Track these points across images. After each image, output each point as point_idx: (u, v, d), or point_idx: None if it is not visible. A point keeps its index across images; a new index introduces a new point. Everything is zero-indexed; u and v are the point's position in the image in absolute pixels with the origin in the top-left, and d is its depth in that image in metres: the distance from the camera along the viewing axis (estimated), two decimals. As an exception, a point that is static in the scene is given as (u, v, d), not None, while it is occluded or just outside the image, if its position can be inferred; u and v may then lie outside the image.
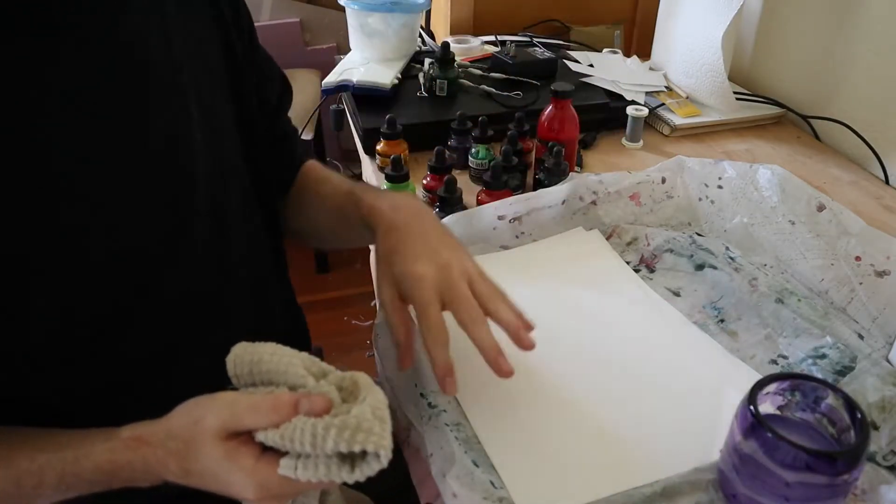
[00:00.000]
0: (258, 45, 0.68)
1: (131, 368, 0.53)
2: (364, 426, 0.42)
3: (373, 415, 0.43)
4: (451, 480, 0.50)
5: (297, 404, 0.44)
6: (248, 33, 0.65)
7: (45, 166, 0.45)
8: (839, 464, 0.45)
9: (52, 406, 0.50)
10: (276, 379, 0.47)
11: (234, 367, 0.48)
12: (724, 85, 1.03)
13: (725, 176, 0.80)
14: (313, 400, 0.44)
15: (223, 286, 0.59)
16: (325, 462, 0.43)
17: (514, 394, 0.59)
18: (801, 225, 0.73)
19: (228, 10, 0.62)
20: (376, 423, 0.43)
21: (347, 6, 1.11)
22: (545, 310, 0.69)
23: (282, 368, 0.47)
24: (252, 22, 0.66)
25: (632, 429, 0.56)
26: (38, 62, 0.44)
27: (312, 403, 0.44)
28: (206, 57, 0.58)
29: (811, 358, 0.62)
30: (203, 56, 0.58)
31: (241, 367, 0.47)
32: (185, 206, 0.54)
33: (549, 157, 0.83)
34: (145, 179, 0.50)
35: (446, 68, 1.03)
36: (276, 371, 0.47)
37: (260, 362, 0.47)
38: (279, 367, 0.47)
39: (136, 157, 0.50)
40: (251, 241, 0.64)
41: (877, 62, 0.95)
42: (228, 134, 0.61)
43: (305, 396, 0.44)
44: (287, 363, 0.47)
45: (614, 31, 1.48)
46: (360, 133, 1.00)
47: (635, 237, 0.78)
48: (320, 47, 2.23)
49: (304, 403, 0.44)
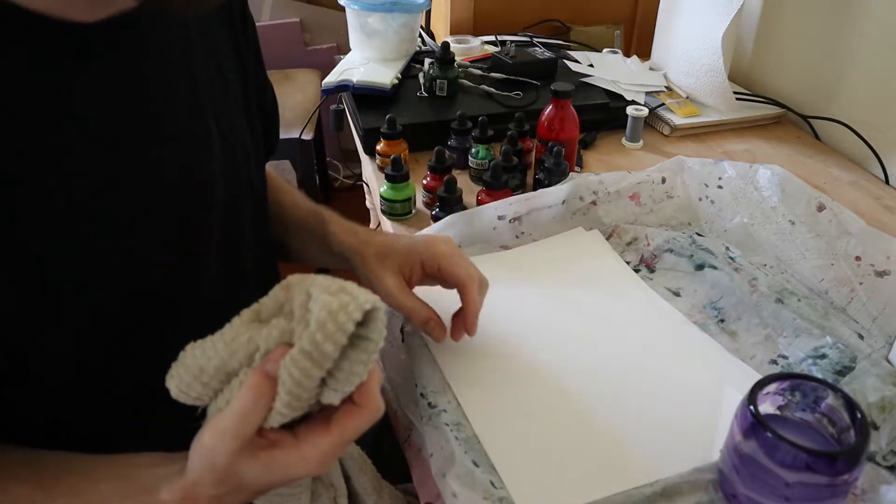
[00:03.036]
0: (261, 59, 0.68)
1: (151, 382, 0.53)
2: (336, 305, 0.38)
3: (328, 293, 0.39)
4: (451, 480, 0.50)
5: (266, 374, 0.40)
6: (254, 44, 0.66)
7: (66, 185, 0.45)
8: (839, 464, 0.45)
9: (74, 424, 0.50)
10: (231, 368, 0.43)
11: (188, 395, 0.43)
12: (724, 85, 1.03)
13: (725, 176, 0.80)
14: (271, 357, 0.41)
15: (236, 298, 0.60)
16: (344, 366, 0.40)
17: (514, 394, 0.59)
18: (801, 225, 0.73)
19: (239, 23, 0.62)
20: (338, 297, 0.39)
21: (347, 6, 1.11)
22: (545, 310, 0.69)
23: (226, 356, 0.42)
24: (256, 33, 0.67)
25: (632, 429, 0.56)
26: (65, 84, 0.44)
27: (273, 360, 0.40)
28: (223, 71, 0.59)
29: (811, 358, 0.62)
30: (220, 71, 0.58)
31: (193, 390, 0.43)
32: (202, 224, 0.54)
33: (549, 157, 0.83)
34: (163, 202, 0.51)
35: (446, 68, 1.03)
36: (223, 360, 0.42)
37: (202, 370, 0.43)
38: (222, 354, 0.42)
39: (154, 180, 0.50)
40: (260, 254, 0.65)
41: (877, 62, 0.95)
42: (243, 150, 0.61)
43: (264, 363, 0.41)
44: (224, 347, 0.42)
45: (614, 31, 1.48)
46: (360, 133, 1.00)
47: (635, 237, 0.78)
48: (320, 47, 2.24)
49: (270, 367, 0.40)
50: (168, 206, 0.51)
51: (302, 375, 0.39)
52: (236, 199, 0.59)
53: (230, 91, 0.60)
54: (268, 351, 0.41)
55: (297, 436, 0.42)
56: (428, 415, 0.57)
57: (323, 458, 0.42)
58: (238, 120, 0.61)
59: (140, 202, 0.49)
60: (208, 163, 0.54)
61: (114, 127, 0.47)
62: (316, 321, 0.38)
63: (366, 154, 0.99)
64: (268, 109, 0.71)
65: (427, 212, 0.86)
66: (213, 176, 0.55)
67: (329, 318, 0.38)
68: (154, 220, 0.50)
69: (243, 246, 0.60)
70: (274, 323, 0.42)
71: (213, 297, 0.56)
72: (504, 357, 0.63)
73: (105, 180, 0.46)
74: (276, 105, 0.74)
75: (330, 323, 0.38)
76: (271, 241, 0.69)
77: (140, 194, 0.49)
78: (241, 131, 0.61)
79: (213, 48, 0.57)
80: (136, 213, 0.49)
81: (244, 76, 0.63)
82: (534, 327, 0.66)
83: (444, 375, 0.60)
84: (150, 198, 0.50)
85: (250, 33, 0.65)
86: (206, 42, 0.56)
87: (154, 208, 0.50)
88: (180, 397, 0.43)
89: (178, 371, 0.43)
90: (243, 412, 0.40)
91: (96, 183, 0.46)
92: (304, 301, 0.41)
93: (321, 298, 0.39)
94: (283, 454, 0.42)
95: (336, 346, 0.38)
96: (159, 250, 0.51)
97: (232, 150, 0.58)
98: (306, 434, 0.42)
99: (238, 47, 0.62)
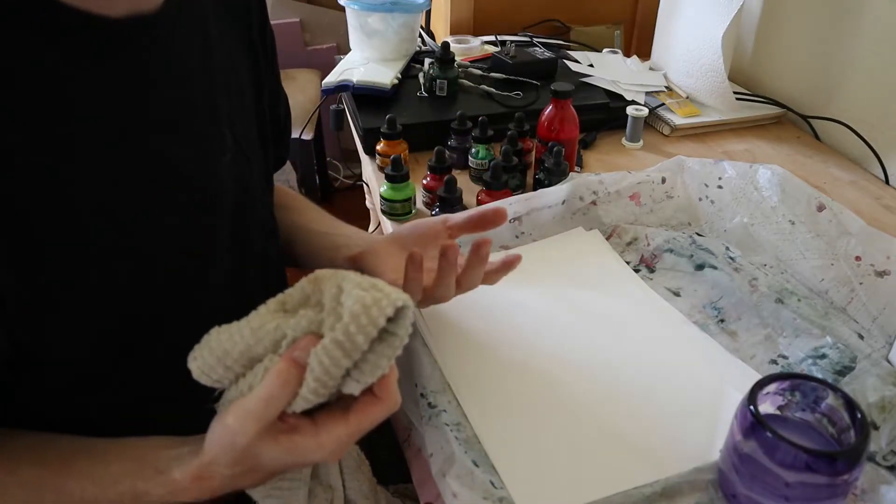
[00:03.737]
0: (277, 70, 0.68)
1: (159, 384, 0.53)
2: (369, 299, 0.40)
3: (361, 288, 0.41)
4: (451, 480, 0.50)
5: (294, 361, 0.42)
6: (271, 52, 0.66)
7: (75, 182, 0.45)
8: (839, 464, 0.45)
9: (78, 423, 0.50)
10: (255, 354, 0.44)
11: (210, 377, 0.45)
12: (724, 85, 1.03)
13: (725, 176, 0.80)
14: (299, 345, 0.42)
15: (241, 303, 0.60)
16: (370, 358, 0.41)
17: (514, 394, 0.59)
18: (801, 225, 0.73)
19: (258, 35, 0.62)
20: (370, 293, 0.41)
21: (347, 6, 1.11)
22: (545, 310, 0.69)
23: (252, 342, 0.44)
24: (275, 46, 0.67)
25: (632, 429, 0.56)
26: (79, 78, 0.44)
27: (301, 348, 0.42)
28: (239, 76, 0.59)
29: (811, 358, 0.62)
30: (236, 75, 0.58)
31: (212, 372, 0.45)
32: (210, 229, 0.55)
33: (549, 157, 0.83)
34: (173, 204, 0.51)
35: (446, 68, 1.03)
36: (249, 346, 0.44)
37: (226, 353, 0.44)
38: (248, 340, 0.44)
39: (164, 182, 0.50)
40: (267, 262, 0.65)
41: (877, 62, 0.95)
42: (255, 158, 0.61)
43: (292, 350, 0.42)
44: (250, 334, 0.44)
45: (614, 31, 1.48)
46: (360, 133, 1.00)
47: (635, 237, 0.78)
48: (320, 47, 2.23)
49: (298, 354, 0.42)
50: (177, 209, 0.51)
51: (332, 364, 0.40)
52: (245, 206, 0.59)
53: (245, 100, 0.60)
54: (294, 339, 0.43)
55: (317, 422, 0.43)
56: (428, 415, 0.57)
57: (338, 445, 0.44)
58: (251, 129, 0.61)
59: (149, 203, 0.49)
60: (219, 168, 0.55)
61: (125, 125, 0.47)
62: (350, 313, 0.40)
63: (366, 154, 0.99)
64: (280, 121, 0.71)
65: (427, 212, 0.86)
66: (223, 181, 0.55)
67: (363, 312, 0.40)
68: (162, 222, 0.50)
69: (250, 252, 0.60)
70: (302, 313, 0.44)
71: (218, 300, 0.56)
72: (504, 357, 0.63)
73: (114, 179, 0.46)
74: (289, 119, 0.74)
75: (363, 316, 0.40)
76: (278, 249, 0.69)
77: (150, 195, 0.49)
78: (253, 140, 0.61)
79: (232, 57, 0.58)
80: (144, 214, 0.49)
81: (259, 86, 0.63)
82: (534, 327, 0.66)
83: (444, 375, 0.60)
84: (160, 199, 0.50)
85: (269, 45, 0.65)
86: (224, 51, 0.56)
87: (163, 210, 0.50)
88: (201, 378, 0.45)
89: (202, 353, 0.44)
90: (269, 396, 0.42)
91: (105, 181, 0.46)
92: (335, 294, 0.43)
93: (354, 293, 0.41)
94: (302, 439, 0.43)
95: (367, 338, 0.40)
96: (166, 252, 0.51)
97: (244, 157, 0.58)
98: (325, 421, 0.43)
99: (256, 57, 0.62)
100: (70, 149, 0.44)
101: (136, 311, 0.50)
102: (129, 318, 0.49)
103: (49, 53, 0.42)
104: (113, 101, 0.46)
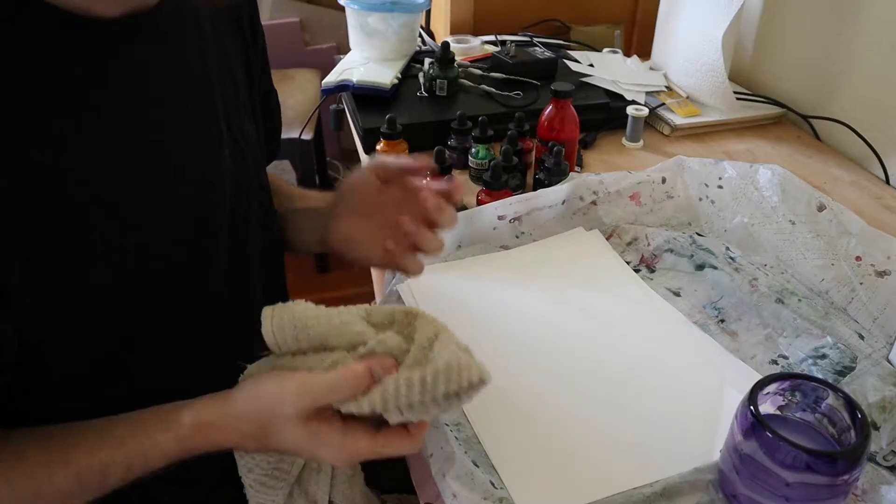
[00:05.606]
0: (268, 66, 0.69)
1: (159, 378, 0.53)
2: (463, 362, 0.43)
3: (457, 346, 0.45)
4: (451, 480, 0.50)
5: (370, 372, 0.44)
6: (262, 53, 0.67)
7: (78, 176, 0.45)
8: (839, 464, 0.45)
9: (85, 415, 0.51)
10: (332, 342, 0.46)
11: (275, 336, 0.46)
12: (725, 85, 1.03)
13: (725, 176, 0.80)
14: (382, 363, 0.45)
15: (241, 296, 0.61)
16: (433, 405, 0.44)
17: (514, 394, 0.59)
18: (802, 225, 0.73)
19: (249, 31, 0.63)
20: (464, 355, 0.44)
21: (347, 6, 1.11)
22: (545, 310, 0.69)
23: (335, 331, 0.46)
24: (265, 42, 0.67)
25: (632, 429, 0.56)
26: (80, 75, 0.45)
27: (383, 367, 0.45)
28: (234, 74, 0.60)
29: (811, 358, 0.62)
30: (231, 73, 0.59)
31: (282, 335, 0.46)
32: (210, 222, 0.55)
33: (549, 157, 0.83)
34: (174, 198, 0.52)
35: (446, 68, 1.03)
36: (330, 334, 0.46)
37: (306, 327, 0.46)
38: (331, 329, 0.46)
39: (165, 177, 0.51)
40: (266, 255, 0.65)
41: (877, 62, 0.95)
42: (252, 152, 0.62)
43: (374, 362, 0.45)
44: (339, 323, 0.46)
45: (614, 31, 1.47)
46: (360, 133, 1.00)
47: (635, 237, 0.78)
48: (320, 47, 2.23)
49: (377, 369, 0.44)
50: (178, 204, 0.52)
51: (405, 395, 0.43)
52: (244, 200, 0.59)
53: (240, 95, 0.60)
54: (372, 352, 0.46)
55: (346, 425, 0.45)
56: (428, 415, 0.57)
57: (353, 455, 0.45)
58: (247, 123, 0.61)
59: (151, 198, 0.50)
60: (218, 162, 0.55)
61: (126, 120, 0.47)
62: (445, 364, 0.43)
63: (366, 154, 0.99)
64: (271, 116, 0.72)
65: (427, 212, 0.86)
66: (222, 175, 0.56)
67: (455, 369, 0.43)
68: (164, 217, 0.51)
69: (249, 246, 0.61)
70: (390, 335, 0.47)
71: (218, 294, 0.57)
72: (504, 357, 0.63)
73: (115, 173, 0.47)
74: (279, 114, 0.74)
75: (453, 373, 0.43)
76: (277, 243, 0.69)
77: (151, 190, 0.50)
78: (249, 134, 0.62)
79: (226, 53, 0.58)
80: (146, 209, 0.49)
81: (251, 82, 0.63)
82: (534, 327, 0.66)
83: (443, 375, 0.60)
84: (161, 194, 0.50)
85: (259, 42, 0.66)
86: (219, 47, 0.57)
87: (164, 205, 0.51)
88: (267, 338, 0.46)
89: (282, 314, 0.46)
90: (334, 387, 0.44)
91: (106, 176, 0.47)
92: (430, 337, 0.46)
93: (452, 348, 0.45)
94: (328, 432, 0.45)
95: (446, 391, 0.43)
96: (168, 246, 0.51)
97: (241, 151, 0.59)
98: (354, 429, 0.45)
99: (248, 54, 0.63)
100: (70, 145, 0.44)
101: (138, 303, 0.50)
102: (131, 309, 0.50)
103: (47, 52, 0.43)
104: (111, 98, 0.46)
